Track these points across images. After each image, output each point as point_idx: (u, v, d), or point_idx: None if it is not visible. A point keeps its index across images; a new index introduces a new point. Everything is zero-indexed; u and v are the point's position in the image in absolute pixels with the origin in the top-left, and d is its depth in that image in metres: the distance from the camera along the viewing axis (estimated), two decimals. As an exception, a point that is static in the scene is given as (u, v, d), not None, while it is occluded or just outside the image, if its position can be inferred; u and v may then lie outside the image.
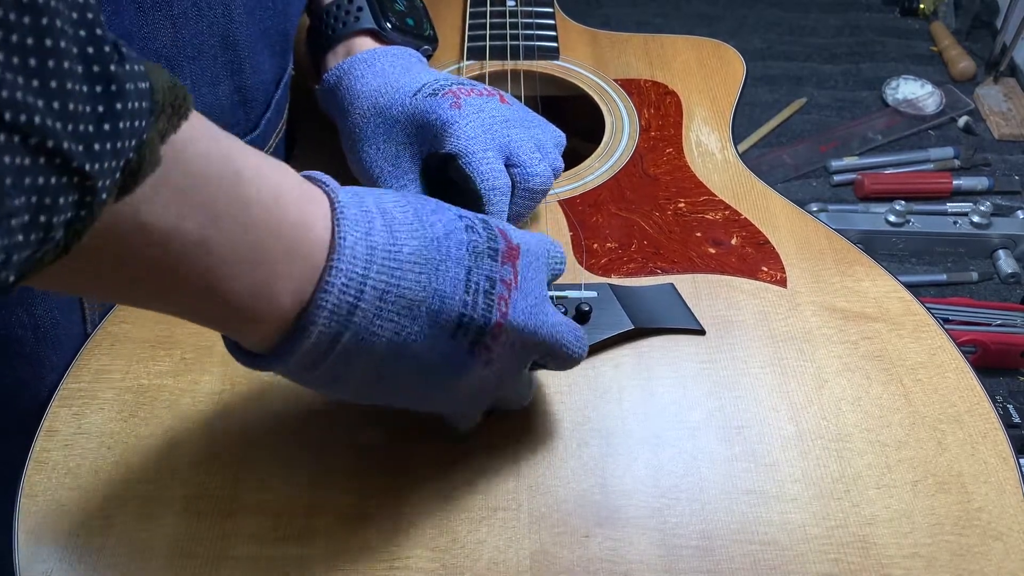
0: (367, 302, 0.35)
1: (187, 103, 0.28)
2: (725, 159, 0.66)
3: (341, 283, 0.34)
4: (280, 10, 0.58)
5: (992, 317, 0.90)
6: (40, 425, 0.48)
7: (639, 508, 0.45)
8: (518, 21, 0.76)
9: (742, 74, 0.74)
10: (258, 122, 0.60)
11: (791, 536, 0.44)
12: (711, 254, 0.58)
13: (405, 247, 0.36)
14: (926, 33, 1.30)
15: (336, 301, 0.34)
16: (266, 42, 0.58)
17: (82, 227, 0.25)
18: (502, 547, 0.43)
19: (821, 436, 0.48)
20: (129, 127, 0.25)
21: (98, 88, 0.24)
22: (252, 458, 0.46)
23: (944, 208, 1.02)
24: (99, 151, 0.24)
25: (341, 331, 0.35)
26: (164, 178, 0.28)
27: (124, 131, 0.25)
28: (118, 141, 0.24)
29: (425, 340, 0.37)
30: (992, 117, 1.15)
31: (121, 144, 0.25)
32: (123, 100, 0.25)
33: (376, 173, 0.56)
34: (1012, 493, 0.45)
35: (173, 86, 0.27)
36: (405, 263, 0.36)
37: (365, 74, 0.58)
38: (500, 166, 0.53)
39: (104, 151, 0.24)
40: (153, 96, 0.26)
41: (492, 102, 0.55)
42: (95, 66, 0.24)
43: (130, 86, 0.25)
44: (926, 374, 0.51)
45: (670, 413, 0.49)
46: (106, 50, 0.24)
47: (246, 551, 0.43)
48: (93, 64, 0.23)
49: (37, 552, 0.43)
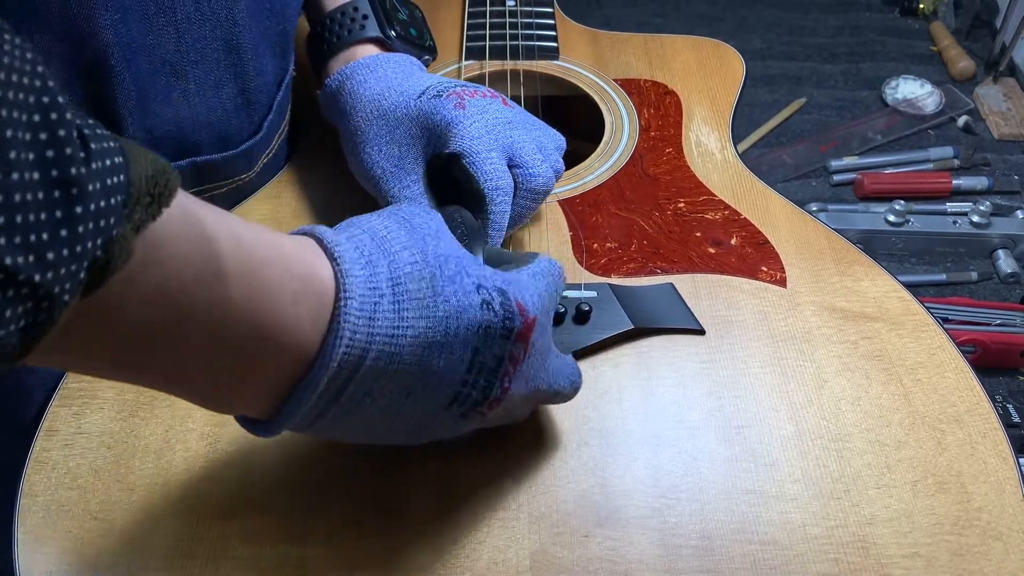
0: (358, 383, 0.35)
1: (170, 189, 0.27)
2: (725, 159, 0.66)
3: (332, 370, 0.33)
4: (279, 11, 0.58)
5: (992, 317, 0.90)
6: (40, 425, 0.48)
7: (639, 508, 0.45)
8: (518, 21, 0.76)
9: (742, 74, 0.74)
10: (261, 124, 0.60)
11: (791, 536, 0.44)
12: (711, 254, 0.58)
13: (411, 330, 0.35)
14: (926, 33, 1.30)
15: (326, 385, 0.34)
16: (268, 44, 0.58)
17: (39, 332, 0.24)
18: (502, 547, 0.43)
19: (821, 436, 0.48)
20: (93, 228, 0.24)
21: (56, 194, 0.23)
22: (252, 458, 0.46)
23: (944, 208, 1.02)
24: (54, 259, 0.23)
25: (327, 409, 0.35)
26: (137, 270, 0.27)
27: (86, 233, 0.24)
28: (77, 245, 0.24)
29: (416, 410, 0.38)
30: (992, 117, 1.15)
31: (82, 247, 0.24)
32: (85, 202, 0.24)
33: (379, 175, 0.56)
34: (1012, 493, 0.45)
35: (155, 174, 0.26)
36: (406, 347, 0.35)
37: (368, 78, 0.58)
38: (503, 166, 0.53)
39: (61, 258, 0.23)
40: (129, 189, 0.25)
41: (495, 104, 0.55)
42: (53, 170, 0.23)
43: (94, 186, 0.24)
44: (926, 374, 0.51)
45: (670, 413, 0.49)
46: (67, 152, 0.23)
47: (246, 551, 0.43)
48: (51, 169, 0.23)
49: (37, 552, 0.43)
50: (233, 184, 0.60)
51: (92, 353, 0.29)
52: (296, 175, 0.64)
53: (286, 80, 0.63)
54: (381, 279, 0.35)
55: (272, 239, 0.33)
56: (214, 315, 0.30)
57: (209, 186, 0.58)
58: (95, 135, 0.25)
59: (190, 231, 0.29)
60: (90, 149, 0.24)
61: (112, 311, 0.27)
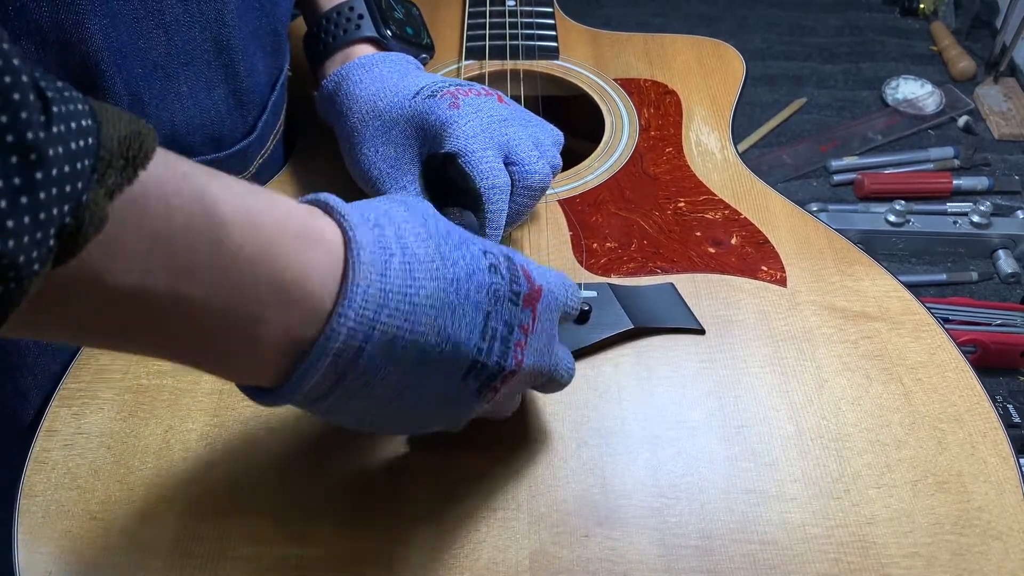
0: (375, 345, 0.33)
1: (145, 151, 0.26)
2: (725, 159, 0.66)
3: (348, 328, 0.32)
4: (268, 10, 0.58)
5: (992, 317, 0.90)
6: (40, 425, 0.48)
7: (639, 508, 0.45)
8: (518, 21, 0.76)
9: (742, 74, 0.74)
10: (255, 124, 0.60)
11: (791, 536, 0.44)
12: (711, 253, 0.58)
13: (423, 289, 0.34)
14: (926, 33, 1.30)
15: (341, 346, 0.33)
16: (258, 43, 0.58)
17: (10, 302, 0.23)
18: (501, 547, 0.43)
19: (821, 435, 0.48)
20: (58, 194, 0.23)
21: (12, 159, 0.22)
22: (252, 459, 0.46)
23: (944, 208, 1.02)
24: (14, 227, 0.22)
25: (345, 373, 0.34)
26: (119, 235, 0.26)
27: (50, 200, 0.23)
28: (40, 212, 0.23)
29: (432, 382, 0.37)
30: (992, 117, 1.15)
31: (47, 214, 0.23)
32: (46, 168, 0.23)
33: (375, 175, 0.56)
34: (1012, 492, 0.45)
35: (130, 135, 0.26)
36: (420, 307, 0.34)
37: (363, 79, 0.58)
38: (499, 164, 0.53)
39: (22, 226, 0.23)
40: (99, 152, 0.25)
41: (490, 101, 0.55)
42: (8, 136, 0.22)
43: (56, 150, 0.23)
44: (926, 374, 0.51)
45: (670, 413, 0.49)
46: (23, 116, 0.22)
47: (246, 551, 0.43)
48: (5, 135, 0.22)
49: (37, 552, 0.43)
50: None
51: (87, 325, 0.29)
52: (294, 176, 0.64)
53: (281, 80, 0.63)
54: (390, 240, 0.34)
55: (271, 195, 0.32)
56: (214, 275, 0.29)
57: None
58: (61, 97, 0.24)
59: (176, 187, 0.28)
60: (51, 112, 0.23)
61: (97, 278, 0.27)
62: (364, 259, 0.33)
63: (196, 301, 0.29)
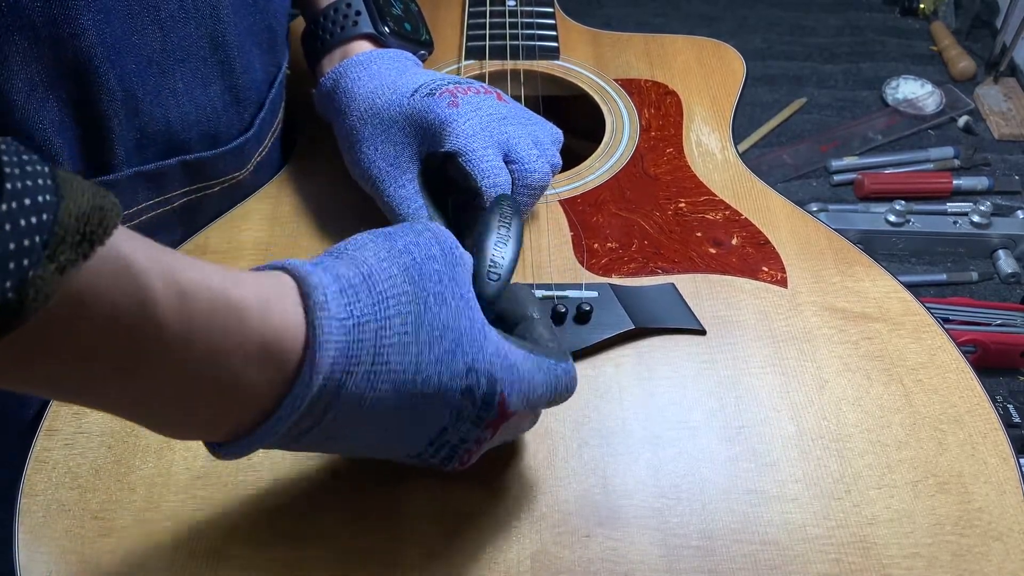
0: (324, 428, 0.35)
1: (104, 226, 0.26)
2: (725, 159, 0.66)
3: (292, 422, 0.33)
4: (263, 6, 0.58)
5: (992, 317, 0.90)
6: (40, 424, 0.48)
7: (640, 508, 0.45)
8: (518, 21, 0.76)
9: (742, 74, 0.74)
10: (252, 121, 0.60)
11: (792, 536, 0.44)
12: (711, 254, 0.58)
13: (384, 401, 0.35)
14: (926, 33, 1.30)
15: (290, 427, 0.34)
16: (254, 40, 0.58)
17: None
18: (502, 547, 0.43)
19: (822, 436, 0.48)
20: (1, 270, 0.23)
21: None
22: (252, 459, 0.46)
23: (944, 208, 1.02)
24: None
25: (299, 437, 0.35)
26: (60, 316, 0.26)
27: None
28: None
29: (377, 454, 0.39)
30: (992, 117, 1.15)
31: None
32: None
33: (375, 174, 0.56)
34: (1012, 493, 0.45)
35: (90, 210, 0.25)
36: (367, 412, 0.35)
37: (361, 76, 0.58)
38: (499, 163, 0.53)
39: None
40: (54, 228, 0.24)
41: (489, 100, 0.55)
42: None
43: (3, 228, 0.23)
44: (926, 374, 0.51)
45: (671, 413, 0.49)
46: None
47: (246, 551, 0.43)
48: None
49: (37, 552, 0.43)
50: (225, 183, 0.59)
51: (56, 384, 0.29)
52: (295, 174, 0.64)
53: (279, 78, 0.63)
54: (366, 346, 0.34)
55: (224, 289, 0.31)
56: (153, 369, 0.29)
57: (200, 185, 0.58)
58: (21, 172, 0.24)
59: (121, 279, 0.27)
60: (3, 189, 0.23)
61: (41, 353, 0.26)
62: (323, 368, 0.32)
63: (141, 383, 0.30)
